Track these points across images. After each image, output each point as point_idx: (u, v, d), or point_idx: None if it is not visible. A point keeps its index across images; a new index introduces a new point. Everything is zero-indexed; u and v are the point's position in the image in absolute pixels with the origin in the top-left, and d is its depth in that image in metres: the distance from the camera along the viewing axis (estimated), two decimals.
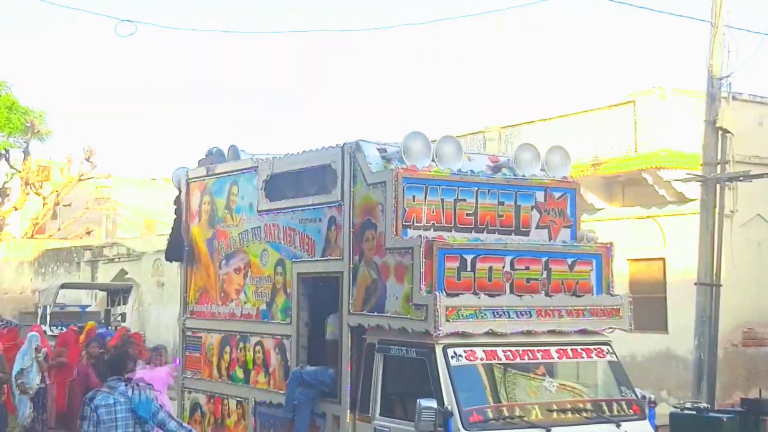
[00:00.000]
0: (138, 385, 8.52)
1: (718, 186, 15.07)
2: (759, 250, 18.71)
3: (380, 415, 8.23)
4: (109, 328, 24.89)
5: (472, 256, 8.03)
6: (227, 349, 10.40)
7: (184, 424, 9.18)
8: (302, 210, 9.41)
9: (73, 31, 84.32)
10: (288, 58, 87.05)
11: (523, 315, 8.05)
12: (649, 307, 17.52)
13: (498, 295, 8.03)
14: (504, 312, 7.97)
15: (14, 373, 14.65)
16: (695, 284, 15.31)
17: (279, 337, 9.59)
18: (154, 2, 77.67)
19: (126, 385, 8.45)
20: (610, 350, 8.50)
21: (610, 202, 20.32)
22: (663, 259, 18.94)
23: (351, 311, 8.59)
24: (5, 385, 13.85)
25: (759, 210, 18.44)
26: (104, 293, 33.03)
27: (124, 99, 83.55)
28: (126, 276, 34.02)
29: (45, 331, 21.06)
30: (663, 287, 18.82)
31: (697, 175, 15.64)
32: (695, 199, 16.88)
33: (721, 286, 15.20)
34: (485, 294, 7.97)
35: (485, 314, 7.88)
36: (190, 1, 79.59)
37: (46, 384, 14.98)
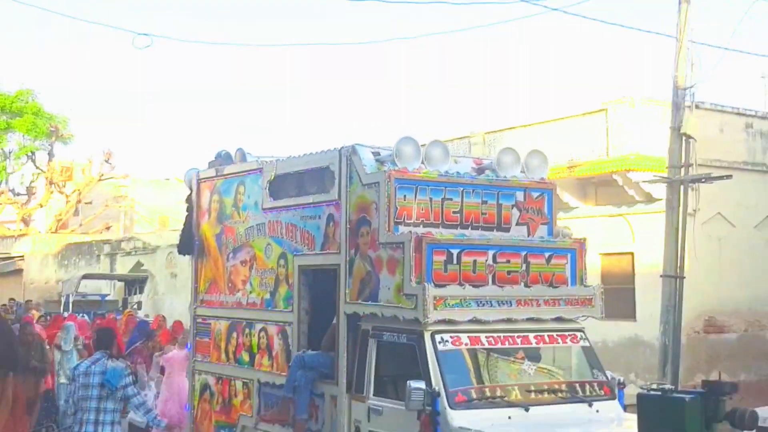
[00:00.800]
0: (116, 359, 8.89)
1: (682, 187, 15.12)
2: (719, 245, 18.76)
3: (374, 395, 8.23)
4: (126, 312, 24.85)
5: (458, 250, 8.02)
6: (234, 334, 10.38)
7: (148, 404, 9.36)
8: (303, 208, 9.39)
9: (92, 41, 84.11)
10: (289, 65, 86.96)
11: (504, 304, 8.04)
12: (618, 297, 17.56)
13: (481, 286, 8.03)
14: (487, 301, 7.96)
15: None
16: (661, 276, 15.35)
17: (281, 323, 9.57)
18: (166, 14, 77.48)
19: (107, 358, 8.82)
20: (584, 336, 8.51)
21: (584, 201, 20.35)
22: (632, 254, 18.99)
23: (347, 300, 8.58)
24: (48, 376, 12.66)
25: (719, 209, 18.48)
26: (122, 283, 33.01)
27: (139, 104, 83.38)
28: (142, 268, 33.99)
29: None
30: (632, 279, 18.87)
31: (663, 177, 15.68)
32: (661, 199, 16.93)
33: (684, 278, 15.25)
34: (470, 285, 7.96)
35: (470, 303, 7.88)
36: (199, 11, 79.39)
37: None
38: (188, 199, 11.53)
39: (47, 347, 13.58)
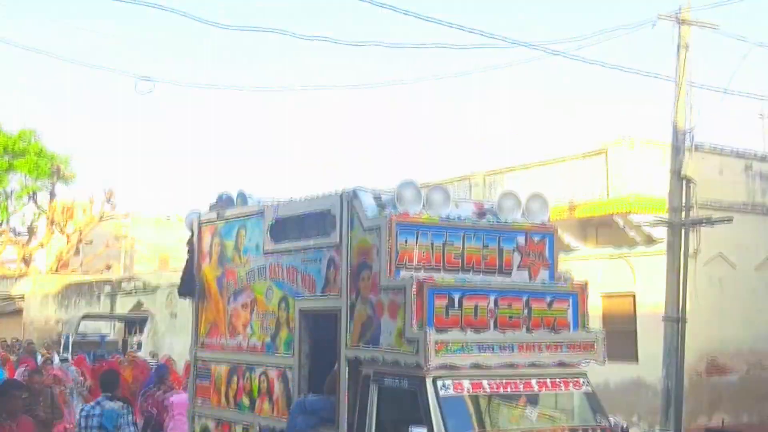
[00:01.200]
0: (116, 402, 9.10)
1: (683, 230, 15.12)
2: (720, 287, 18.72)
3: None
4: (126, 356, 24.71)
5: (459, 295, 7.99)
6: (234, 378, 10.32)
7: None
8: (304, 251, 9.38)
9: (96, 82, 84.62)
10: (290, 107, 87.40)
11: (506, 349, 8.00)
12: (620, 339, 17.46)
13: (483, 330, 7.99)
14: (488, 346, 7.92)
15: None
16: (663, 319, 15.30)
17: (282, 367, 9.52)
18: (170, 57, 78.05)
19: (109, 400, 9.02)
20: (586, 381, 8.45)
21: (584, 242, 20.32)
22: (633, 295, 18.92)
23: (348, 345, 8.54)
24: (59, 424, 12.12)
25: (720, 250, 18.46)
26: (122, 323, 32.90)
27: (141, 143, 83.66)
28: (142, 307, 33.90)
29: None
30: (633, 321, 18.78)
31: (664, 220, 15.69)
32: (662, 240, 16.92)
33: (686, 321, 15.20)
34: (471, 330, 7.93)
35: (471, 348, 7.83)
36: (201, 56, 80.00)
37: None
38: (189, 242, 11.52)
39: (60, 391, 13.09)
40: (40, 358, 19.88)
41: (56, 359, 19.88)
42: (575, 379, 8.39)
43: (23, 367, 16.14)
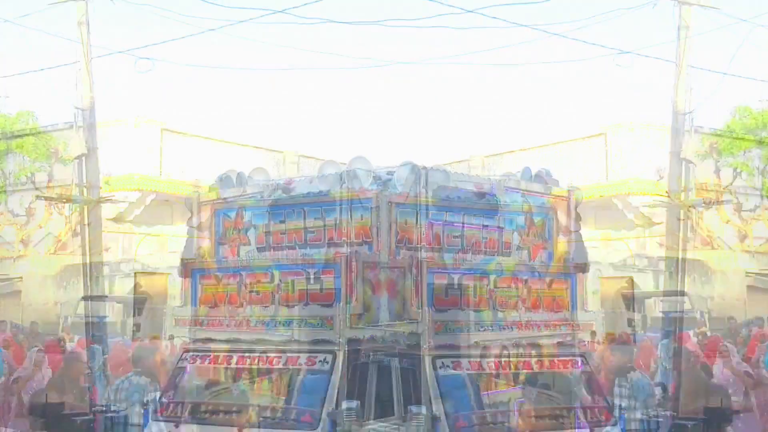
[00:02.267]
0: (142, 377, 9.17)
1: (681, 212, 15.15)
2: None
3: (374, 419, 8.19)
4: (125, 337, 24.75)
5: (459, 274, 8.02)
6: (234, 358, 10.32)
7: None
8: (304, 231, 9.37)
9: (94, 62, 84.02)
10: (289, 87, 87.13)
11: (505, 329, 8.04)
12: (618, 320, 17.49)
13: (482, 310, 8.02)
14: (488, 326, 7.96)
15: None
16: (660, 300, 15.34)
17: (282, 347, 9.52)
18: (170, 37, 77.64)
19: (138, 376, 9.86)
20: (585, 361, 8.50)
21: (582, 224, 20.32)
22: (631, 277, 18.94)
23: (347, 324, 8.55)
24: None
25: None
26: (120, 305, 32.91)
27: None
28: (140, 289, 33.88)
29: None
30: (631, 302, 18.80)
31: (662, 202, 15.72)
32: (661, 222, 16.95)
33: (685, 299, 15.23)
34: (471, 309, 7.95)
35: (470, 328, 7.87)
36: (202, 38, 79.61)
37: None
38: (188, 222, 11.48)
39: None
40: None
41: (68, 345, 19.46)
42: (574, 359, 8.43)
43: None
